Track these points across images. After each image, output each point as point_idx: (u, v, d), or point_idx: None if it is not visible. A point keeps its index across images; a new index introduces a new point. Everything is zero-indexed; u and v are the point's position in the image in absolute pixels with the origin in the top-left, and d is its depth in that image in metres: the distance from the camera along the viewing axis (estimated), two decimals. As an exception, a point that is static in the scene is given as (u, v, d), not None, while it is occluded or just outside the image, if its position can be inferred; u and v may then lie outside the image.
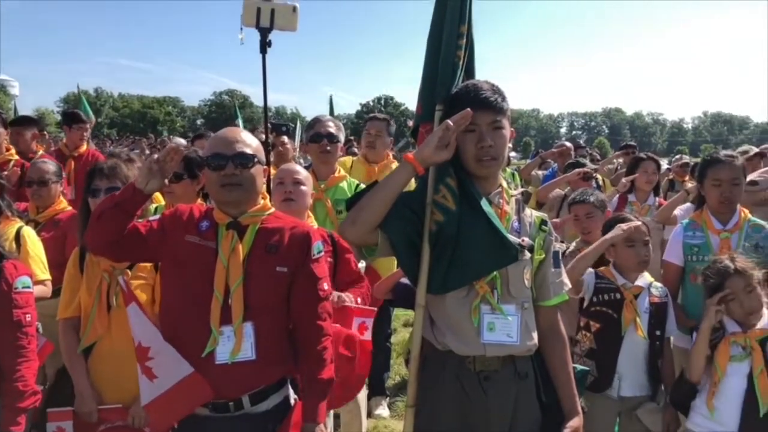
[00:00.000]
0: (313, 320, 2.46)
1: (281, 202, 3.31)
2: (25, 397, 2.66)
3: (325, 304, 2.51)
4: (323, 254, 2.58)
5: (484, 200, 2.25)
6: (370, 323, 3.16)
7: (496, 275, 2.26)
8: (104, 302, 2.92)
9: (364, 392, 4.17)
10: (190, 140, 7.55)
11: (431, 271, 2.24)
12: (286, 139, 5.88)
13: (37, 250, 3.72)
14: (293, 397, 2.58)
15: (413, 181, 2.37)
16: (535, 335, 2.33)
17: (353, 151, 9.76)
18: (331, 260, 3.29)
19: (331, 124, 4.48)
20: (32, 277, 2.95)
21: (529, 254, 2.31)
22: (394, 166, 5.18)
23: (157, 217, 2.52)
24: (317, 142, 4.39)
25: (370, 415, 4.91)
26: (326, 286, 2.53)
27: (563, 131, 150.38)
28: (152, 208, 3.78)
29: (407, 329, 6.76)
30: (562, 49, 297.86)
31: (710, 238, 3.58)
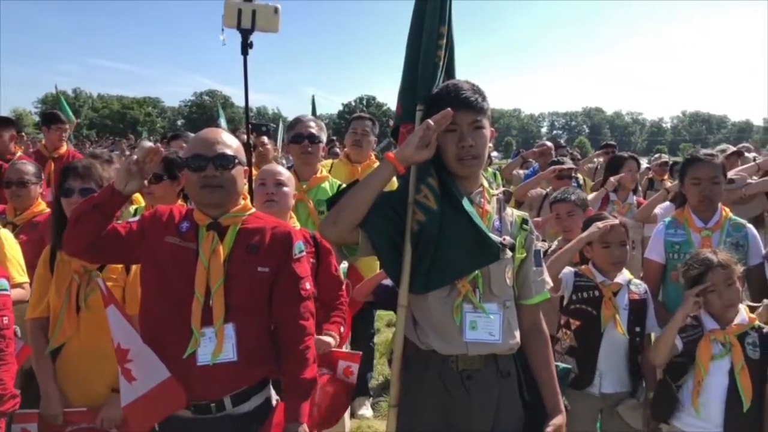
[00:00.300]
0: (295, 320, 2.45)
1: (263, 203, 3.30)
2: (4, 400, 2.62)
3: (307, 303, 2.50)
4: (305, 254, 2.58)
5: (465, 200, 2.26)
6: (355, 368, 3.23)
7: (477, 274, 2.26)
8: (73, 303, 2.89)
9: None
10: (166, 141, 7.47)
11: (413, 270, 2.24)
12: (266, 139, 5.86)
13: (14, 252, 3.66)
14: (275, 398, 2.57)
15: (395, 180, 2.38)
16: (517, 334, 2.34)
17: (335, 151, 9.75)
18: (313, 261, 3.28)
19: (312, 124, 4.46)
20: (9, 279, 2.91)
21: (510, 253, 2.32)
22: (376, 165, 5.18)
23: (136, 218, 2.49)
24: (298, 142, 4.37)
25: (353, 415, 4.90)
26: (308, 285, 2.53)
27: (544, 131, 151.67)
28: (132, 209, 3.76)
29: (390, 329, 6.77)
30: (543, 50, 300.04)
31: (692, 236, 3.62)
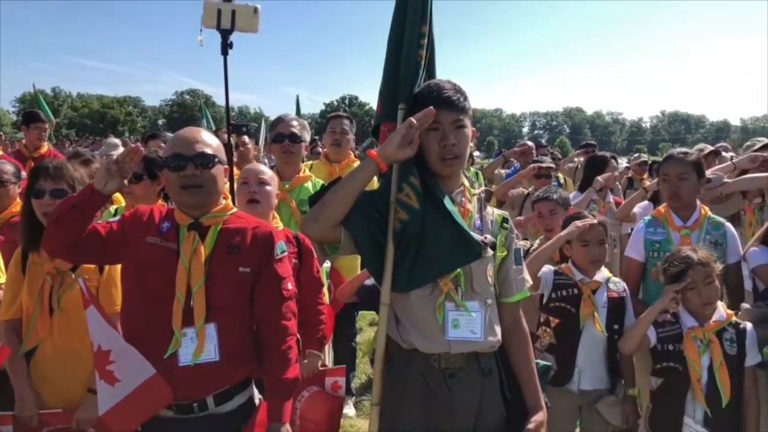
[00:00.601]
0: (277, 320, 2.45)
1: (246, 202, 3.29)
2: None
3: (289, 303, 2.50)
4: (286, 254, 2.58)
5: (447, 199, 2.27)
6: (342, 381, 3.34)
7: (459, 272, 2.28)
8: (46, 305, 2.86)
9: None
10: (143, 140, 7.42)
11: (395, 269, 2.25)
12: (247, 139, 5.84)
13: (-9, 252, 3.62)
14: (258, 397, 2.57)
15: (375, 180, 2.38)
16: (498, 331, 2.36)
17: (318, 151, 9.72)
18: (296, 261, 3.28)
19: (294, 123, 4.44)
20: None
21: (491, 251, 2.33)
22: (356, 165, 5.17)
23: (117, 218, 2.47)
24: (279, 142, 4.36)
25: (336, 414, 4.90)
26: (290, 285, 2.53)
27: (525, 131, 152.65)
28: (112, 209, 3.73)
29: (373, 328, 6.77)
30: (525, 50, 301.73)
31: (671, 234, 3.65)
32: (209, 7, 3.96)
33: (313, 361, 3.34)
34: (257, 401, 2.54)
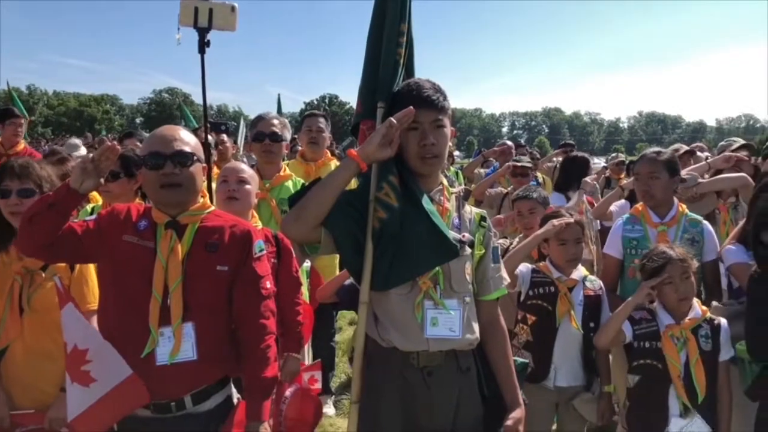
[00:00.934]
0: (255, 319, 2.44)
1: (224, 200, 3.27)
2: None
3: (267, 302, 2.49)
4: (265, 253, 2.57)
5: (425, 197, 2.28)
6: (318, 375, 3.41)
7: (438, 271, 2.28)
8: (16, 305, 2.80)
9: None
10: (118, 139, 7.31)
11: (375, 268, 2.25)
12: (225, 137, 5.81)
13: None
14: (236, 396, 2.56)
15: (354, 178, 2.38)
16: (476, 329, 2.37)
17: (297, 149, 9.68)
18: (275, 261, 3.27)
19: (275, 122, 4.42)
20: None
21: (469, 250, 2.35)
22: (333, 164, 5.17)
23: (93, 217, 2.45)
24: (260, 141, 4.33)
25: (315, 413, 4.89)
26: (268, 284, 2.52)
27: (505, 130, 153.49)
28: (89, 207, 3.69)
29: (353, 327, 6.76)
30: (507, 50, 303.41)
31: (648, 231, 3.70)
32: (186, 5, 3.92)
33: (292, 365, 3.33)
34: (235, 400, 2.53)
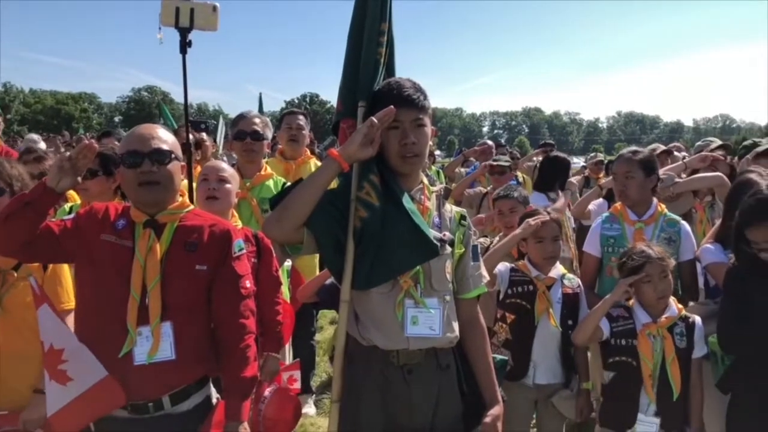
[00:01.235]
0: (235, 319, 2.44)
1: (205, 199, 3.25)
2: None
3: (247, 302, 2.48)
4: (244, 252, 2.56)
5: (406, 196, 2.28)
6: (297, 374, 3.41)
7: (419, 270, 2.29)
8: None
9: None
10: (96, 137, 7.22)
11: (356, 267, 2.25)
12: (205, 136, 5.77)
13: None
14: (215, 396, 2.55)
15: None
16: (456, 327, 2.38)
17: (278, 147, 9.64)
18: (255, 260, 3.25)
19: (257, 120, 4.38)
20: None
21: (450, 248, 2.36)
22: (312, 162, 5.15)
23: (71, 216, 2.42)
24: (241, 139, 4.30)
25: (296, 413, 4.88)
26: (248, 284, 2.51)
27: (485, 130, 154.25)
28: (67, 207, 3.64)
29: (334, 326, 6.75)
30: (487, 51, 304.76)
31: (626, 229, 3.74)
32: (167, 4, 3.87)
33: (272, 364, 3.31)
34: (214, 400, 2.52)
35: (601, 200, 5.05)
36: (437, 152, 17.13)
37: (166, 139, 2.39)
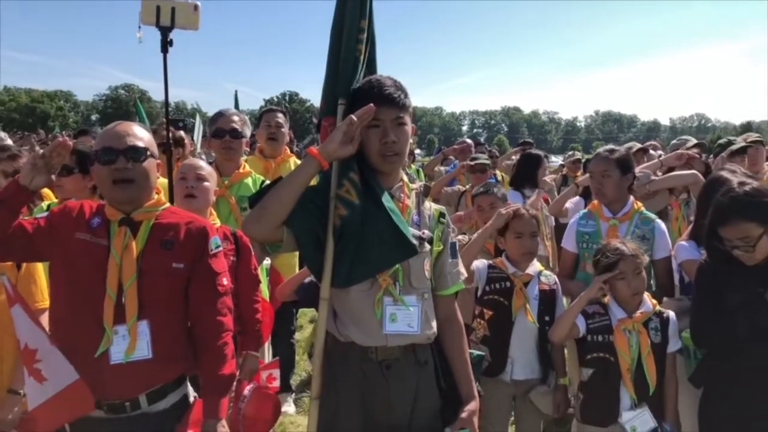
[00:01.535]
0: (212, 316, 2.43)
1: (183, 198, 3.23)
2: None
3: (224, 299, 2.47)
4: (221, 249, 2.55)
5: (385, 195, 2.28)
6: (276, 373, 3.38)
7: (398, 268, 2.30)
8: None
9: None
10: (72, 136, 7.13)
11: (335, 265, 2.25)
12: (183, 134, 5.71)
13: None
14: (193, 395, 2.53)
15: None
16: (434, 324, 2.39)
17: (257, 146, 9.58)
18: (234, 258, 3.24)
19: (235, 118, 4.35)
20: None
21: (428, 246, 2.37)
22: (292, 160, 5.13)
23: (44, 214, 2.39)
24: (220, 137, 4.26)
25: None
26: (225, 281, 2.50)
27: (465, 129, 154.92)
28: (44, 205, 3.60)
29: (313, 325, 6.74)
30: (467, 50, 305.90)
31: (601, 225, 3.80)
32: (148, 3, 3.81)
33: (251, 363, 3.30)
34: (192, 399, 2.51)
35: (577, 198, 5.11)
36: (417, 151, 17.16)
37: (141, 136, 2.37)
